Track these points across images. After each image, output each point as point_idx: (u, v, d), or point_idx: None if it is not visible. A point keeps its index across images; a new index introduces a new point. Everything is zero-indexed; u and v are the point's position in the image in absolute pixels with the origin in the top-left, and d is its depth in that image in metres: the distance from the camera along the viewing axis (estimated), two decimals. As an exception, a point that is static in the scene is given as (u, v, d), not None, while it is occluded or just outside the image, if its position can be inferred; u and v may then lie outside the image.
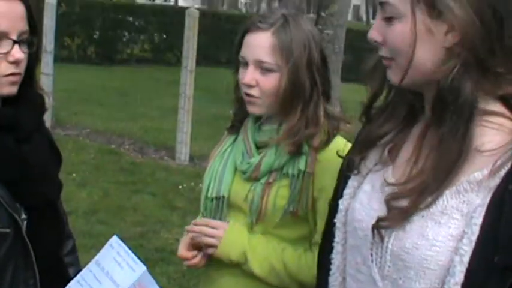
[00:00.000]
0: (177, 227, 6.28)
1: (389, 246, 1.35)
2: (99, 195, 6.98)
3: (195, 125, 8.86)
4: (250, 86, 2.04)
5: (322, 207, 1.92)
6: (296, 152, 2.03)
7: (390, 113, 1.50)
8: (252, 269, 2.04)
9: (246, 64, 2.06)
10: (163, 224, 6.35)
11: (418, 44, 1.32)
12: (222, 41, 19.55)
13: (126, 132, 9.95)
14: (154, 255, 5.64)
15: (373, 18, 1.48)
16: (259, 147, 2.11)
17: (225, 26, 20.01)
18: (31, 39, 1.81)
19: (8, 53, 1.72)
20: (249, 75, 2.04)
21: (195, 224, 2.11)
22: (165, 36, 19.97)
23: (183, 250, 2.15)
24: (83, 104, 11.55)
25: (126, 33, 19.56)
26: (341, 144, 2.04)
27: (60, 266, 2.00)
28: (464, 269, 1.25)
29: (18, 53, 1.73)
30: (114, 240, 1.56)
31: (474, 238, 1.25)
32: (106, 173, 7.80)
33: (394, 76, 1.40)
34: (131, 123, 10.67)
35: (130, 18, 19.66)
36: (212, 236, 2.06)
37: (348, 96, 3.67)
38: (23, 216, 1.81)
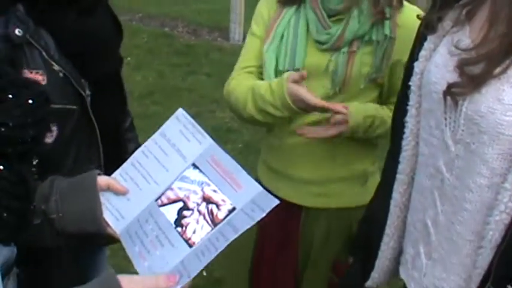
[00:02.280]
0: (232, 106, 6.29)
1: (464, 109, 1.31)
2: (154, 78, 7.02)
3: (247, 5, 8.72)
4: None
5: (401, 70, 1.89)
6: (380, 19, 1.99)
7: None
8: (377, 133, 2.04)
9: None
10: (218, 104, 6.37)
11: None
12: None
13: (179, 15, 9.86)
14: (211, 134, 5.68)
15: None
16: (328, 15, 2.03)
17: None
18: None
19: None
20: None
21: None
22: None
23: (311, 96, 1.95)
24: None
25: None
26: (412, 7, 2.04)
27: (122, 141, 2.03)
28: None
29: None
30: (180, 112, 1.50)
31: None
32: (160, 56, 7.81)
33: None
34: (184, 6, 10.54)
35: None
36: (339, 123, 1.97)
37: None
38: (87, 91, 1.79)
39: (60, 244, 1.50)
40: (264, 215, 1.27)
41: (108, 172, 1.85)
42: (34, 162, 1.64)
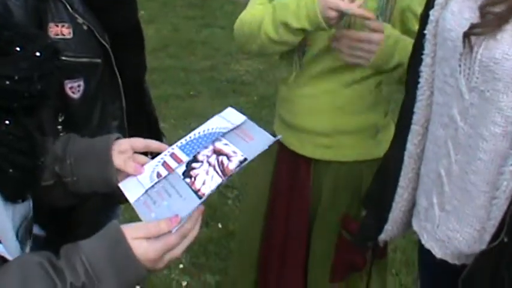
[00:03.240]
0: (246, 58, 6.27)
1: (479, 56, 1.29)
2: (168, 31, 6.98)
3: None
4: None
5: (412, 17, 1.92)
6: None
7: None
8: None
9: None
10: (232, 57, 6.35)
11: None
12: None
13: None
14: (225, 87, 5.70)
15: None
16: None
17: None
18: None
19: None
20: None
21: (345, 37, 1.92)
22: None
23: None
24: None
25: None
26: None
27: (142, 95, 2.00)
28: None
29: None
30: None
31: None
32: (174, 9, 7.76)
33: None
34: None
35: None
36: (365, 51, 1.89)
37: None
38: (108, 42, 1.75)
39: (73, 204, 1.50)
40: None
41: (129, 127, 1.86)
42: (60, 120, 1.63)
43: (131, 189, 1.35)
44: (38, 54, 1.14)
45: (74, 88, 1.65)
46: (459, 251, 1.43)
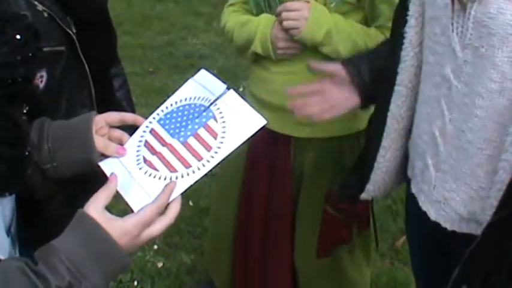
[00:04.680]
0: (203, 32, 6.21)
1: (473, 12, 1.27)
2: (122, 8, 6.85)
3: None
4: None
5: None
6: None
7: None
8: (337, 48, 1.97)
9: None
10: (189, 31, 6.27)
11: None
12: None
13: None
14: (184, 62, 5.63)
15: None
16: None
17: None
18: None
19: None
20: None
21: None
22: None
23: (280, 41, 2.01)
24: None
25: None
26: None
27: (111, 82, 1.94)
28: None
29: None
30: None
31: None
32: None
33: None
34: None
35: None
36: (296, 18, 1.95)
37: None
38: (73, 30, 1.66)
39: (52, 193, 1.44)
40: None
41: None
42: (24, 111, 1.56)
43: (115, 171, 1.30)
44: (18, 37, 1.07)
45: (37, 78, 1.55)
46: (455, 211, 1.42)
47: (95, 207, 1.11)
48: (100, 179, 1.30)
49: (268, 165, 2.21)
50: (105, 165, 1.32)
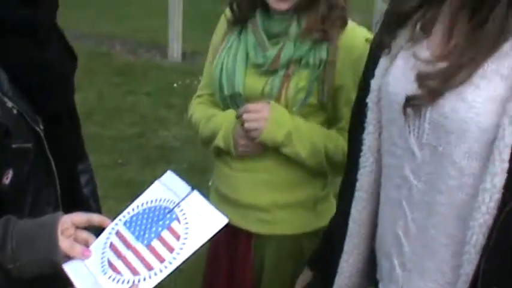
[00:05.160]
0: (174, 124, 6.26)
1: (428, 114, 1.32)
2: (93, 98, 6.89)
3: (185, 22, 8.71)
4: None
5: (345, 95, 1.94)
6: (321, 39, 1.96)
7: None
8: (296, 150, 2.00)
9: None
10: (160, 123, 6.32)
11: None
12: None
13: (116, 34, 9.77)
14: (154, 154, 5.64)
15: None
16: (271, 37, 2.02)
17: None
18: None
19: None
20: None
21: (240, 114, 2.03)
22: None
23: (242, 139, 2.03)
24: (68, 6, 11.19)
25: None
26: (358, 29, 2.03)
27: (78, 179, 1.92)
28: None
29: None
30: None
31: None
32: (99, 76, 7.68)
33: None
34: (120, 24, 10.46)
35: None
36: (256, 119, 1.97)
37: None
38: (41, 127, 1.65)
39: None
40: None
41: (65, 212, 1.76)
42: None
43: (79, 275, 1.30)
44: None
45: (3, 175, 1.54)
46: None
47: None
48: (63, 280, 1.29)
49: (229, 259, 2.20)
50: (70, 268, 1.32)
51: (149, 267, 1.27)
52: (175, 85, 7.37)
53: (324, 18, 1.96)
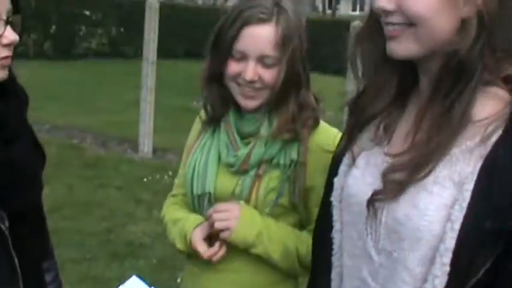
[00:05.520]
0: (143, 220, 6.22)
1: (383, 219, 1.35)
2: (63, 192, 6.86)
3: (156, 118, 8.78)
4: (251, 82, 1.95)
5: (317, 196, 1.89)
6: (292, 140, 1.98)
7: (378, 94, 1.46)
8: (268, 251, 1.98)
9: (242, 58, 1.96)
10: (130, 218, 6.28)
11: (441, 13, 1.30)
12: (180, 34, 19.47)
13: (88, 127, 9.83)
14: (123, 250, 5.58)
15: (329, 8, 1.45)
16: (243, 137, 2.04)
17: (183, 18, 19.92)
18: (14, 19, 1.63)
19: (1, 35, 1.57)
20: (252, 71, 1.95)
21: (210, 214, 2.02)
22: (122, 29, 19.78)
23: (201, 245, 2.02)
24: (41, 99, 11.24)
25: (83, 27, 19.31)
26: (330, 130, 2.04)
27: (42, 278, 1.88)
28: (455, 235, 1.25)
29: (12, 34, 1.58)
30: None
31: (465, 204, 1.25)
32: (69, 169, 7.67)
33: (406, 46, 1.35)
34: (92, 117, 10.54)
35: (87, 12, 19.40)
36: (227, 219, 1.96)
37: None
38: (6, 224, 1.64)
39: None
40: None
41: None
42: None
43: None
44: None
45: None
46: None
47: None
48: None
49: None
50: None
51: None
52: (145, 180, 7.38)
53: (294, 118, 1.98)
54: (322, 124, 2.05)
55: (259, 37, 1.94)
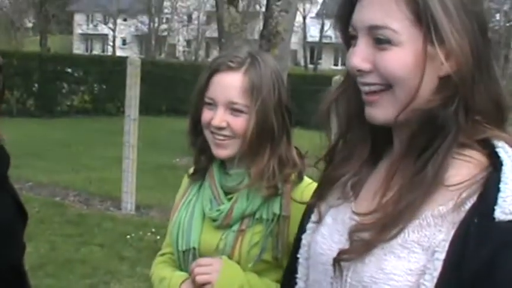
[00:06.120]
0: (126, 277, 6.22)
1: (348, 280, 1.32)
2: (46, 249, 6.85)
3: (139, 175, 8.82)
4: (220, 128, 1.97)
5: None
6: (273, 195, 1.96)
7: (351, 152, 1.46)
8: None
9: (213, 105, 1.99)
10: (112, 275, 6.27)
11: (418, 72, 1.25)
12: (162, 90, 19.62)
13: (70, 184, 9.84)
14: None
15: (311, 63, 1.42)
16: (227, 192, 2.03)
17: (165, 74, 20.08)
18: None
19: None
20: (220, 117, 1.96)
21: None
22: (104, 86, 19.91)
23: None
24: (24, 157, 11.33)
25: (66, 85, 19.43)
26: (312, 184, 2.00)
27: None
28: None
29: None
30: None
31: (436, 274, 1.21)
32: (52, 226, 7.67)
33: (385, 111, 1.32)
34: (75, 175, 10.57)
35: (69, 70, 19.55)
36: (208, 273, 1.93)
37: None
38: None
39: None
40: None
41: None
42: None
43: None
44: None
45: None
46: None
47: None
48: None
49: None
50: None
51: None
52: (128, 237, 7.37)
53: (274, 174, 1.96)
54: (306, 179, 2.05)
55: (227, 84, 1.97)
